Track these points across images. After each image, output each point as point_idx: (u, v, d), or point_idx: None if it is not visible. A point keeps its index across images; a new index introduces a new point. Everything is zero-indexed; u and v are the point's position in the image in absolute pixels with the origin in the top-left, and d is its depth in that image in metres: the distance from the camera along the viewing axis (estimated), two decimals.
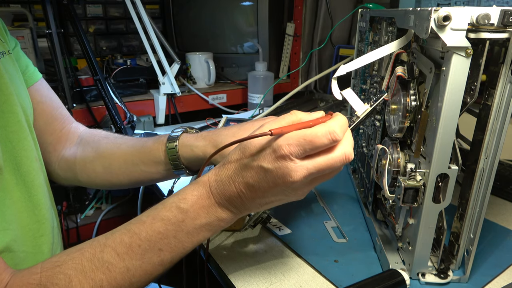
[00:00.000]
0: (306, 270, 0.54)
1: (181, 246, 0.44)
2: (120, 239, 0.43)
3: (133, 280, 0.43)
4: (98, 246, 0.43)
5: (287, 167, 0.40)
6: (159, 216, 0.44)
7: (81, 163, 0.66)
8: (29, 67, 0.63)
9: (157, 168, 0.61)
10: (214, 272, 0.57)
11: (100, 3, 1.49)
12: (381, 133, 0.60)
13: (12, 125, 0.54)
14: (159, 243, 0.43)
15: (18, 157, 0.54)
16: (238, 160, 0.43)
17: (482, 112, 0.45)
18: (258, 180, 0.41)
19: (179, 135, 0.60)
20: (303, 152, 0.40)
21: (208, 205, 0.44)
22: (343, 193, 0.76)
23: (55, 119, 0.67)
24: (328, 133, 0.40)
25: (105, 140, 0.67)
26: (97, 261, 0.41)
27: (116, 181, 0.65)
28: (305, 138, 0.39)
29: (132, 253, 0.42)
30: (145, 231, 0.43)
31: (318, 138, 0.39)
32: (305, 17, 1.40)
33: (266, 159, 0.40)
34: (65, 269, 0.41)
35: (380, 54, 0.50)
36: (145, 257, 0.43)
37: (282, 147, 0.39)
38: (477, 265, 0.53)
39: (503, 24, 0.39)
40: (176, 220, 0.43)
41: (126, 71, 1.23)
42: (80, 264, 0.41)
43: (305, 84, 1.24)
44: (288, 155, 0.39)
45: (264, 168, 0.41)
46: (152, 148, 0.61)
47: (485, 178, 0.46)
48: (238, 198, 0.43)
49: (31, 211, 0.56)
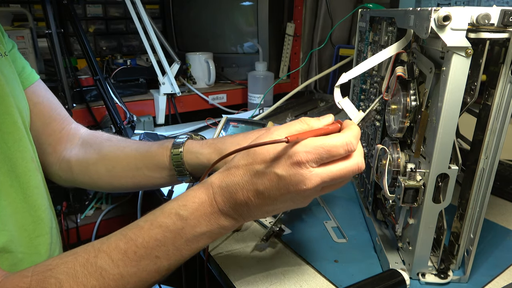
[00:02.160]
0: (306, 270, 0.54)
1: (179, 253, 0.43)
2: (115, 244, 0.42)
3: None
4: (93, 251, 0.41)
5: (302, 175, 0.39)
6: (157, 223, 0.42)
7: (83, 165, 0.66)
8: (25, 69, 0.63)
9: (161, 173, 0.61)
10: (214, 272, 0.57)
11: (100, 3, 1.49)
12: (381, 133, 0.60)
13: (7, 127, 0.53)
14: (156, 250, 0.42)
15: (14, 158, 0.54)
16: (246, 165, 0.42)
17: (482, 112, 0.45)
18: (269, 188, 0.40)
19: (184, 141, 0.60)
20: (319, 160, 0.39)
21: (210, 212, 0.42)
22: (343, 193, 0.76)
23: (53, 120, 0.67)
24: (345, 144, 0.40)
25: (108, 143, 0.67)
26: (90, 266, 0.40)
27: (119, 184, 0.64)
28: (323, 147, 0.39)
29: (127, 260, 0.41)
30: (142, 237, 0.42)
31: (336, 148, 0.40)
32: (305, 17, 1.40)
33: (281, 165, 0.40)
34: (57, 273, 0.39)
35: (380, 58, 0.50)
36: (140, 264, 0.41)
37: (299, 154, 0.39)
38: (477, 265, 0.53)
39: (503, 24, 0.39)
40: (175, 228, 0.42)
41: (126, 71, 1.23)
42: (72, 269, 0.40)
43: (305, 84, 1.24)
44: (304, 163, 0.39)
45: (278, 175, 0.40)
46: (156, 153, 0.61)
47: (485, 178, 0.46)
48: (245, 206, 0.42)
49: (26, 212, 0.55)
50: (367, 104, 0.71)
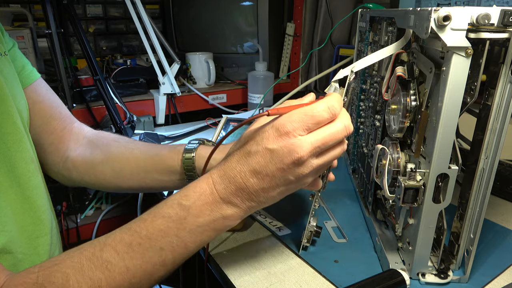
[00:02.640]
0: (306, 270, 0.54)
1: (183, 245, 0.43)
2: (120, 237, 0.42)
3: (133, 281, 0.42)
4: (98, 245, 0.42)
5: (292, 144, 0.40)
6: (160, 214, 0.43)
7: (89, 165, 0.66)
8: (26, 67, 0.63)
9: (170, 177, 0.61)
10: (214, 272, 0.57)
11: (100, 3, 1.49)
12: (381, 133, 0.60)
13: (7, 127, 0.53)
14: (160, 241, 0.42)
15: (13, 158, 0.54)
16: (239, 149, 0.43)
17: (482, 112, 0.45)
18: (264, 164, 0.41)
19: (196, 146, 0.60)
20: (306, 127, 0.41)
21: (211, 201, 0.43)
22: (343, 193, 0.76)
23: (54, 119, 0.66)
24: (328, 107, 0.41)
25: (116, 144, 0.67)
26: (96, 260, 0.40)
27: (125, 186, 0.65)
28: (306, 114, 0.41)
29: (132, 252, 0.41)
30: (146, 229, 0.42)
31: (319, 112, 0.41)
32: (305, 17, 1.40)
33: (270, 140, 0.41)
34: (63, 268, 0.40)
35: (379, 57, 0.50)
36: (145, 256, 0.42)
37: (285, 125, 0.40)
38: (477, 265, 0.53)
39: (503, 24, 0.39)
40: (178, 218, 0.42)
41: (126, 71, 1.23)
42: (78, 263, 0.40)
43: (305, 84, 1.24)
44: (292, 132, 0.40)
45: (269, 149, 0.41)
46: (167, 157, 0.61)
47: (485, 178, 0.46)
48: (245, 189, 0.42)
49: (26, 213, 0.55)
50: (367, 104, 0.71)
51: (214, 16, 1.43)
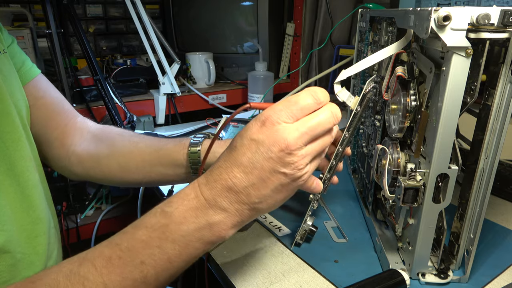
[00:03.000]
0: (306, 270, 0.54)
1: (166, 258, 0.39)
2: (100, 251, 0.39)
3: None
4: (77, 260, 0.39)
5: (278, 131, 0.38)
6: (143, 224, 0.40)
7: (95, 159, 0.65)
8: (25, 64, 0.63)
9: (175, 171, 0.61)
10: (214, 272, 0.57)
11: (100, 3, 1.49)
12: (381, 133, 0.60)
13: (5, 126, 0.53)
14: (141, 254, 0.38)
15: (12, 157, 0.54)
16: (226, 149, 0.41)
17: (482, 112, 0.45)
18: (250, 156, 0.39)
19: (202, 140, 0.60)
20: (291, 115, 0.39)
21: (195, 206, 0.39)
22: (343, 193, 0.76)
23: (58, 113, 0.66)
24: (310, 94, 0.41)
25: (120, 138, 0.67)
26: (73, 276, 0.37)
27: (131, 179, 0.64)
28: (289, 101, 0.40)
29: (111, 267, 0.38)
30: (127, 240, 0.39)
31: (302, 98, 0.40)
32: (305, 17, 1.40)
33: (255, 131, 0.39)
34: (38, 286, 0.37)
35: (380, 57, 0.50)
36: (125, 271, 0.38)
37: (270, 116, 0.39)
38: (477, 265, 0.53)
39: (503, 24, 0.39)
40: (160, 226, 0.39)
41: (126, 71, 1.23)
42: (55, 280, 0.37)
43: (305, 84, 1.24)
44: (277, 120, 0.39)
45: (255, 139, 0.39)
46: (172, 151, 0.61)
47: (485, 178, 0.46)
48: (233, 188, 0.39)
49: (25, 212, 0.55)
50: None
51: (214, 16, 1.43)
